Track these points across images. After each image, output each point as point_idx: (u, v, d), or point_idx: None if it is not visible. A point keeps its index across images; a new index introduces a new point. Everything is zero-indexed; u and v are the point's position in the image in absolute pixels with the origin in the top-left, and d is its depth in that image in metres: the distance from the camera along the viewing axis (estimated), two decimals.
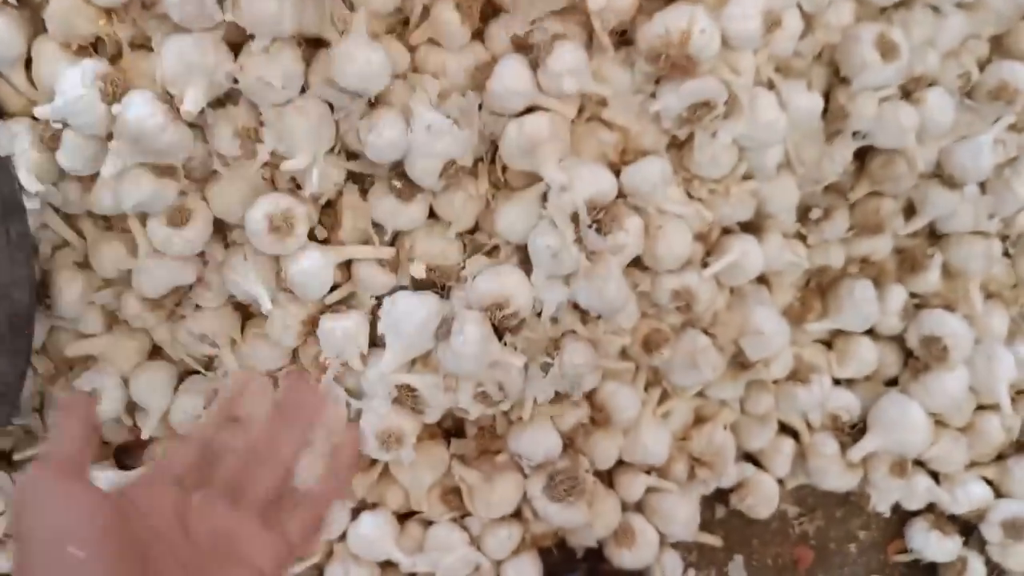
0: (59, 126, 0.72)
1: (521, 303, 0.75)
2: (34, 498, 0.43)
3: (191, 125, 0.72)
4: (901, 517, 1.03)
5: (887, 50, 0.80)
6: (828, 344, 0.97)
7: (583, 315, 0.80)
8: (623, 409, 0.85)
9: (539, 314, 0.77)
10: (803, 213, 0.88)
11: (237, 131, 0.73)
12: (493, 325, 0.76)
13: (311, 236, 0.77)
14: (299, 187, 0.76)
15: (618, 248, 0.74)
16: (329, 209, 0.79)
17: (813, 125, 0.81)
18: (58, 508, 0.42)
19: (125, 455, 0.90)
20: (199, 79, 0.68)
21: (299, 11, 0.68)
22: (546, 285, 0.76)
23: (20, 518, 0.43)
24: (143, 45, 0.73)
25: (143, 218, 0.77)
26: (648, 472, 0.89)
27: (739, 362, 0.87)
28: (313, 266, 0.76)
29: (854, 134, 0.85)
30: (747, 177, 0.80)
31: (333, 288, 0.79)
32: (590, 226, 0.72)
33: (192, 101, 0.68)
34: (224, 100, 0.73)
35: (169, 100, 0.70)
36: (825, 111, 0.82)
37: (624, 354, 0.84)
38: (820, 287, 0.94)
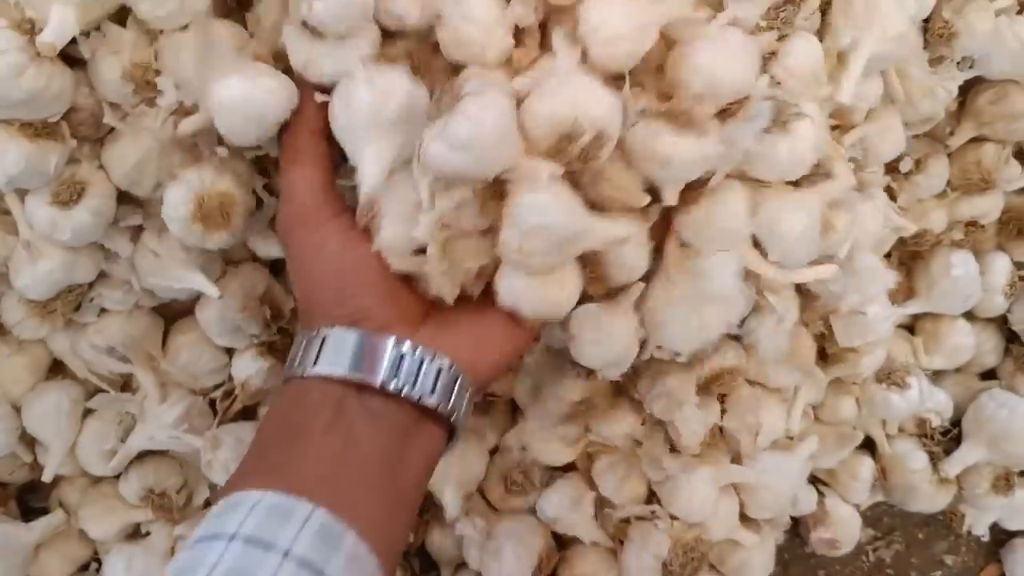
0: None
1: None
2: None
3: (70, 62, 0.52)
4: (996, 538, 0.85)
5: None
6: (909, 328, 0.79)
7: None
8: None
9: None
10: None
11: (126, 69, 0.52)
12: None
13: None
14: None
15: None
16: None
17: (913, 40, 0.62)
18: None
19: (31, 495, 0.73)
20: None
21: None
22: None
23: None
24: None
25: (22, 195, 0.57)
26: None
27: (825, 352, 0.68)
28: None
29: (959, 62, 0.66)
30: None
31: None
32: None
33: (55, 29, 0.48)
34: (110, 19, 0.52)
35: (30, 30, 0.49)
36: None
37: None
38: (903, 258, 0.76)
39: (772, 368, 0.66)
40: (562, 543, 0.71)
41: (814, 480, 0.79)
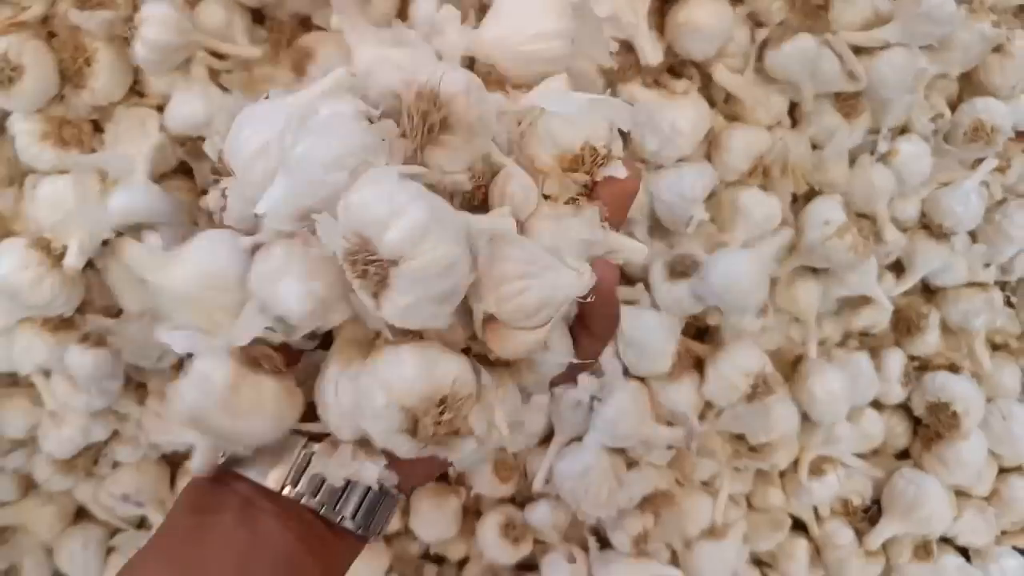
0: None
1: None
2: None
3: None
4: None
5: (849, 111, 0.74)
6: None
7: None
8: None
9: None
10: None
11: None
12: None
13: None
14: None
15: None
16: None
17: None
18: None
19: None
20: (80, 228, 0.61)
21: None
22: None
23: None
24: (16, 182, 0.65)
25: (47, 374, 0.68)
26: None
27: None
28: None
29: None
30: None
31: None
32: None
33: (75, 255, 0.61)
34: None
35: (46, 246, 0.62)
36: None
37: None
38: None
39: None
40: None
41: (758, 562, 0.88)
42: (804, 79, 0.72)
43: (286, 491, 0.39)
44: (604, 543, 0.79)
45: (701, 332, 0.78)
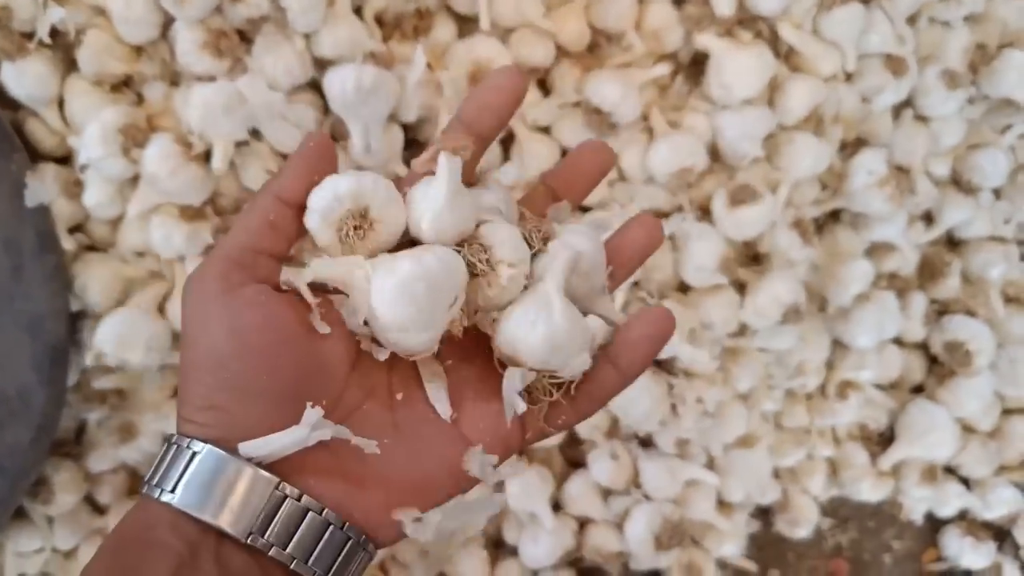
0: (82, 174, 0.73)
1: None
2: (195, 308, 0.36)
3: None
4: (934, 526, 1.02)
5: (896, 69, 0.83)
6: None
7: None
8: None
9: None
10: None
11: (267, 170, 0.74)
12: None
13: None
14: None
15: None
16: None
17: None
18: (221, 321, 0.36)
19: None
20: (225, 134, 0.70)
21: None
22: None
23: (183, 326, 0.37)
24: (175, 81, 0.74)
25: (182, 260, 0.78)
26: None
27: None
28: None
29: None
30: None
31: None
32: None
33: (220, 159, 0.70)
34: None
35: (188, 143, 0.71)
36: None
37: None
38: None
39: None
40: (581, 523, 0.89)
41: (779, 476, 0.97)
42: (850, 41, 0.80)
43: (250, 539, 0.35)
44: (645, 443, 0.89)
45: (754, 258, 0.86)
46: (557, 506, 0.89)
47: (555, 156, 0.81)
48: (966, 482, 1.00)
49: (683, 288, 0.84)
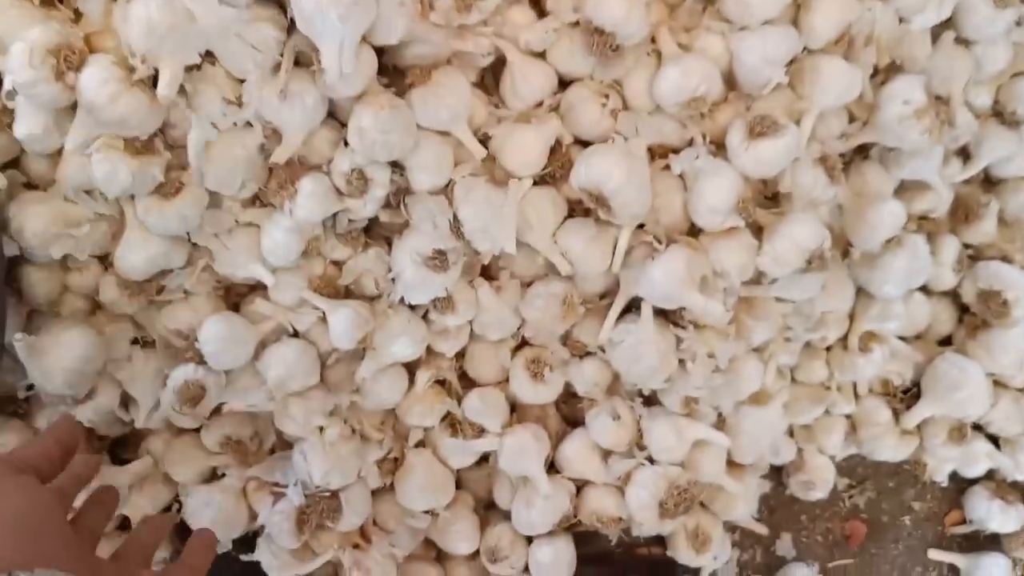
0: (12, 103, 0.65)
1: None
2: None
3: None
4: (959, 486, 0.96)
5: None
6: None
7: None
8: None
9: None
10: None
11: (224, 98, 0.65)
12: None
13: None
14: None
15: None
16: None
17: None
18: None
19: (120, 448, 0.83)
20: (172, 57, 0.61)
21: None
22: None
23: None
24: None
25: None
26: None
27: None
28: None
29: None
30: None
31: None
32: None
33: (167, 85, 0.61)
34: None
35: (131, 68, 0.62)
36: None
37: None
38: None
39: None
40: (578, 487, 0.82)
41: (793, 435, 0.91)
42: None
43: None
44: (649, 401, 0.81)
45: (772, 198, 0.78)
46: (552, 467, 0.82)
47: (551, 84, 0.72)
48: (995, 441, 0.93)
49: (694, 231, 0.75)
